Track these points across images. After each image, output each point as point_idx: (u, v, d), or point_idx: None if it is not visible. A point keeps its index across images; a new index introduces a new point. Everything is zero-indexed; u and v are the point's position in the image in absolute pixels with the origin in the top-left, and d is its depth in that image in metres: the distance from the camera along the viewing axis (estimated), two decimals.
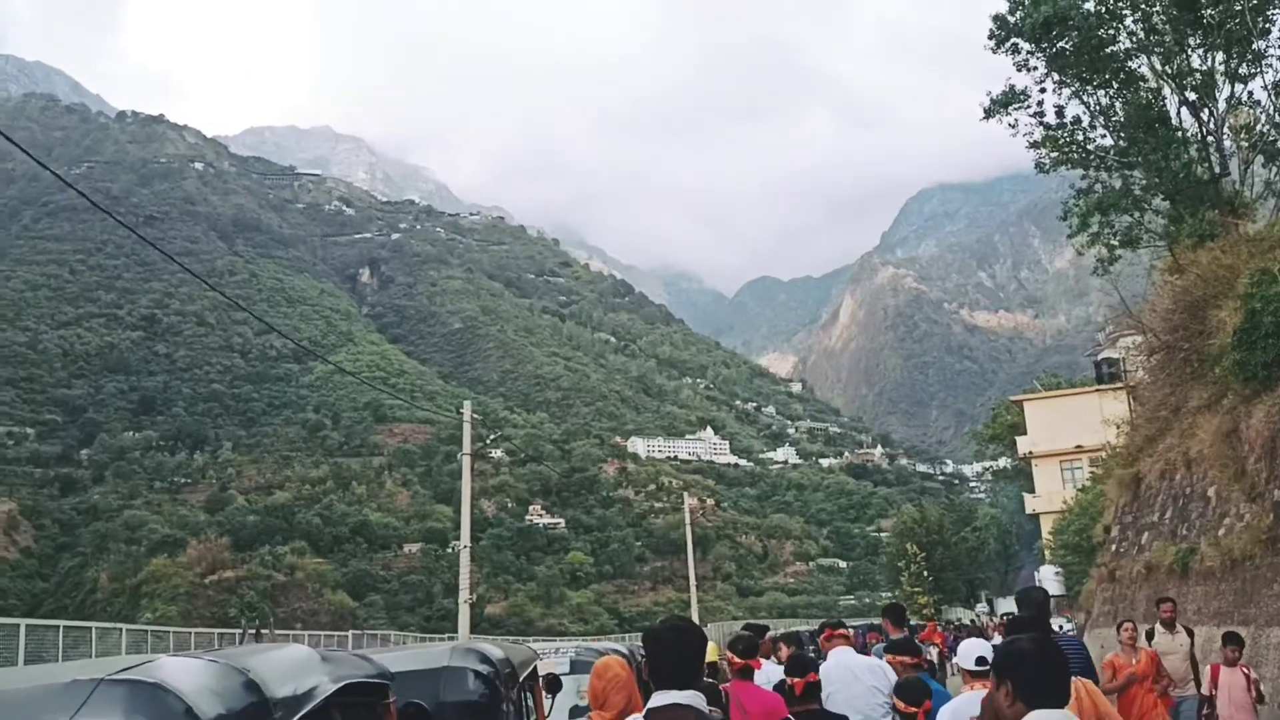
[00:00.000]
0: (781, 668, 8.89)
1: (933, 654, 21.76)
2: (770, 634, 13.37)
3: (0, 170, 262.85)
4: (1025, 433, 57.48)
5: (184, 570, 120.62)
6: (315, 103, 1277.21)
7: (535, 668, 7.93)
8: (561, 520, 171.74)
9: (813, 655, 9.17)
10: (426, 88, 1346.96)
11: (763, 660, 9.85)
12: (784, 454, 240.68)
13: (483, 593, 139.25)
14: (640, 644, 4.89)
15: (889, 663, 8.68)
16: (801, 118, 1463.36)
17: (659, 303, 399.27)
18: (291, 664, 2.86)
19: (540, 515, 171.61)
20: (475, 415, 36.31)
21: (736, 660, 7.86)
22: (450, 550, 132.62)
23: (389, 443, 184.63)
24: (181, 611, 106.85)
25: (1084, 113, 25.67)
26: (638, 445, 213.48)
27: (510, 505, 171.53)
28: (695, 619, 57.41)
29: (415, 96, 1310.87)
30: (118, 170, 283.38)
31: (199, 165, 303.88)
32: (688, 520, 64.64)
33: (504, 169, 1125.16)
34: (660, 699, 3.95)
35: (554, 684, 9.69)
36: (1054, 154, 26.22)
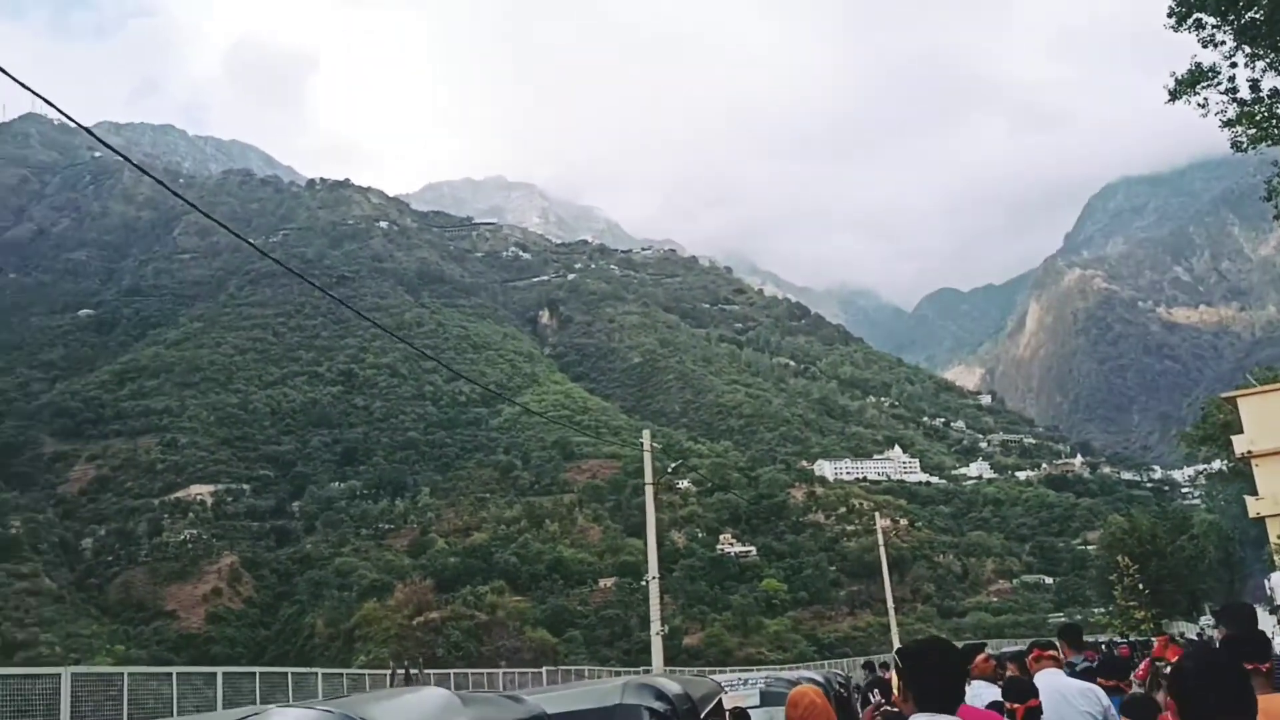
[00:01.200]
0: (990, 686, 8.44)
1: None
2: (988, 652, 12.71)
3: (207, 244, 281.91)
4: (1241, 431, 53.72)
5: (392, 613, 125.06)
6: (488, 154, 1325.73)
7: (719, 702, 7.53)
8: (753, 548, 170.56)
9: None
10: (593, 129, 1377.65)
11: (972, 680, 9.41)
12: (977, 469, 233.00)
13: (678, 624, 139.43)
14: (834, 672, 4.53)
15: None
16: (972, 125, 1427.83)
17: (836, 323, 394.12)
18: (418, 710, 2.86)
19: (731, 544, 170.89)
20: (658, 446, 36.35)
21: None
22: (644, 583, 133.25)
23: (578, 479, 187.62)
24: (392, 653, 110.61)
25: None
26: (825, 468, 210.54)
27: (700, 535, 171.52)
28: (895, 642, 55.87)
29: (583, 138, 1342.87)
30: (310, 235, 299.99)
31: (384, 224, 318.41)
32: (881, 542, 63.20)
33: (673, 202, 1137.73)
34: None
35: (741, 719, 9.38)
36: (1251, 130, 24.49)
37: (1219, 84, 24.35)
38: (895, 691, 4.54)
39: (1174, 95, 24.83)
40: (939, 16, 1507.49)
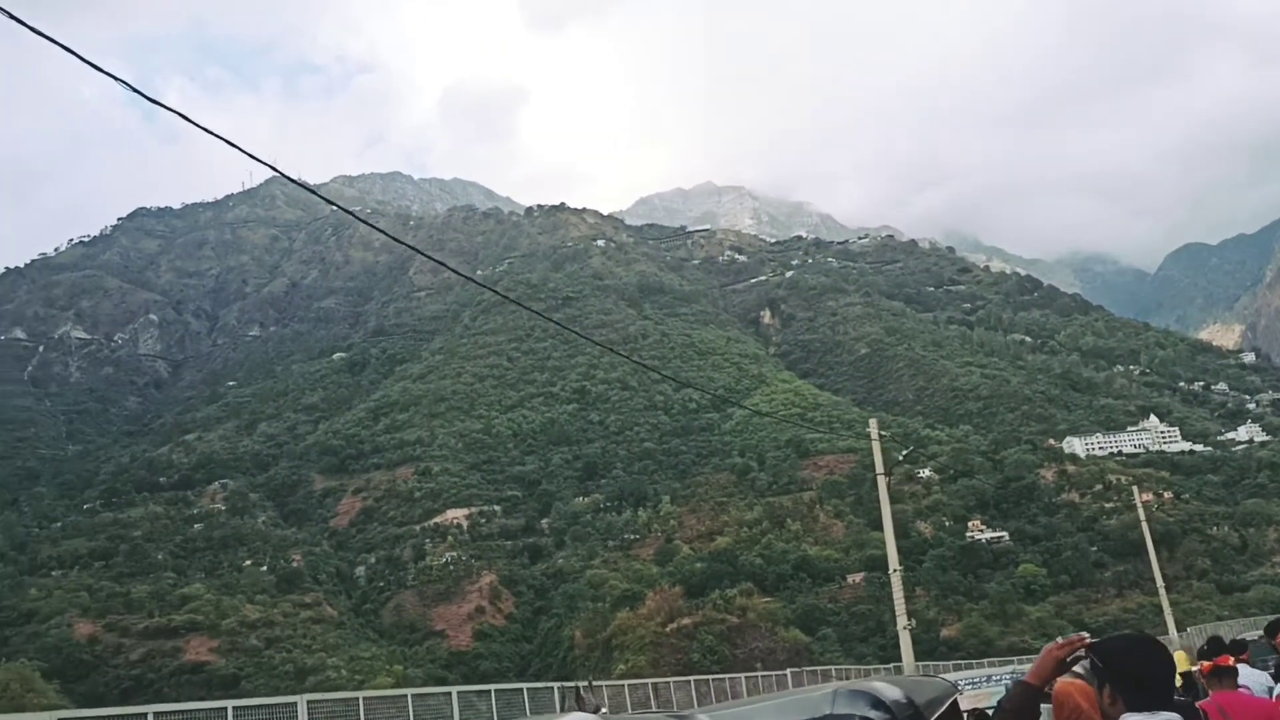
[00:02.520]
0: (1258, 672, 8.02)
1: None
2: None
3: (440, 281, 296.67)
4: None
5: (645, 621, 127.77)
6: (694, 162, 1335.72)
7: (953, 704, 6.84)
8: (1005, 533, 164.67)
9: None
10: (796, 123, 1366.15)
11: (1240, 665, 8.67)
12: (1247, 432, 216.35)
13: (933, 616, 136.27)
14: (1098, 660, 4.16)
15: None
16: (1201, 67, 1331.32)
17: (1072, 292, 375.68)
18: None
19: (980, 530, 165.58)
20: (885, 435, 36.07)
21: (1205, 665, 7.09)
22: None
23: (815, 476, 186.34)
24: (649, 660, 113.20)
25: None
26: (1074, 445, 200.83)
27: (947, 524, 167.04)
28: (1170, 623, 52.70)
29: (787, 134, 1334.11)
30: (533, 260, 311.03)
31: (600, 242, 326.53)
32: (1143, 518, 60.16)
33: (885, 187, 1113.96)
34: None
35: None
36: None
37: None
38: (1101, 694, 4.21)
39: None
40: None
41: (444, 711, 26.10)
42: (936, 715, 5.81)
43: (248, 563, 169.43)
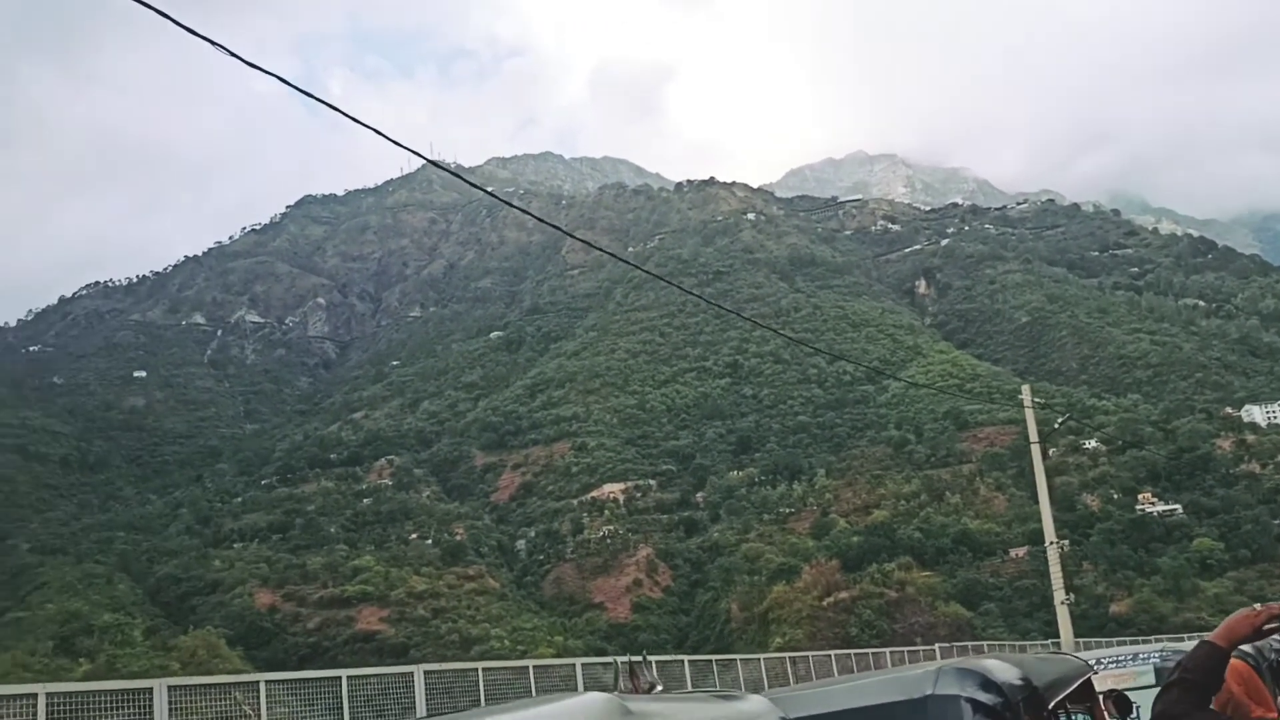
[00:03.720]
0: None
1: None
2: None
3: (592, 259, 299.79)
4: None
5: (802, 595, 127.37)
6: (845, 131, 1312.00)
7: (1088, 684, 6.33)
8: (1178, 506, 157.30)
9: None
10: (950, 88, 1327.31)
11: None
12: None
13: (1101, 591, 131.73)
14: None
15: None
16: None
17: (1250, 253, 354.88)
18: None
19: (1152, 503, 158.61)
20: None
21: None
22: (1061, 550, 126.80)
23: (975, 448, 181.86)
24: (807, 634, 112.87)
25: None
26: (1254, 414, 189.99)
27: (1116, 496, 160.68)
28: None
29: (940, 100, 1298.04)
30: (683, 236, 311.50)
31: (751, 216, 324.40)
32: None
33: (1045, 150, 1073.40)
34: None
35: (1123, 704, 7.88)
36: None
37: None
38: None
39: None
40: None
41: (571, 683, 26.73)
42: (1061, 696, 5.39)
43: (414, 536, 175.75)
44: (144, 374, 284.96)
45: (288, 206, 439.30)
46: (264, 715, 18.11)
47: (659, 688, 10.28)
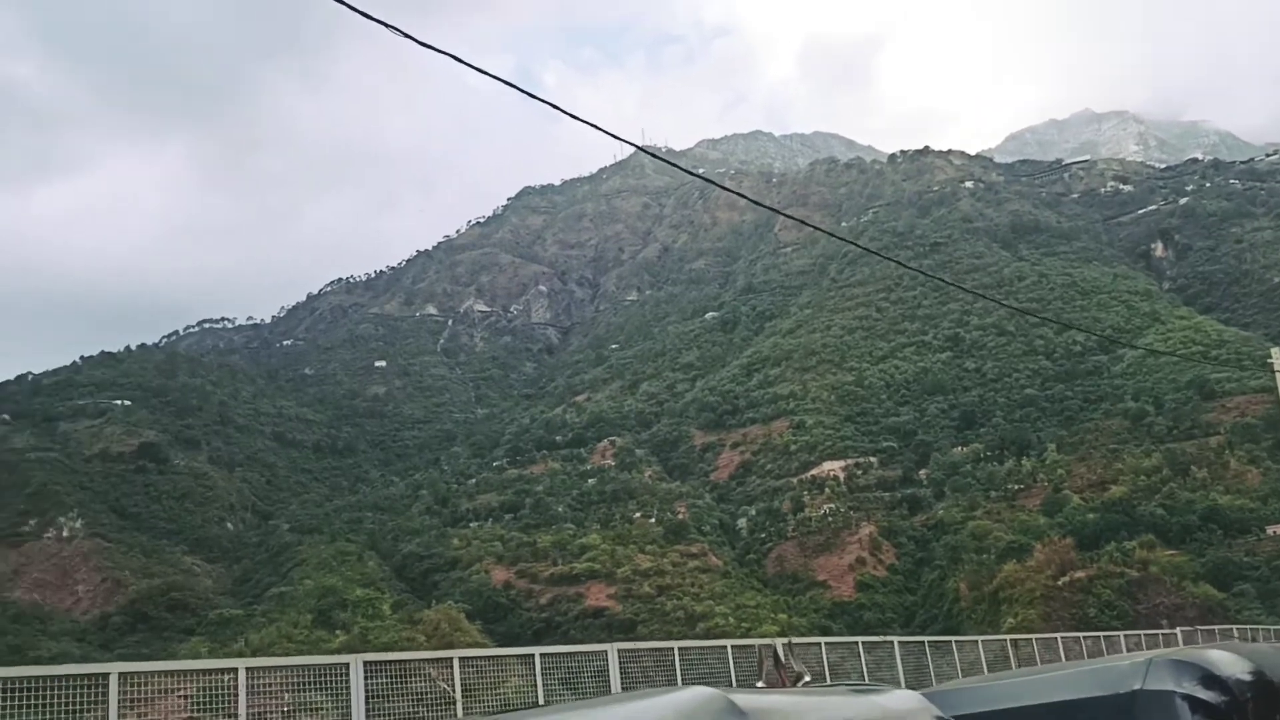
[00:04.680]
0: None
1: None
2: None
3: (805, 236, 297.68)
4: None
5: (1034, 574, 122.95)
6: (1068, 90, 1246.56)
7: None
8: None
9: None
10: (1188, 36, 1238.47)
11: None
12: None
13: None
14: None
15: None
16: None
17: None
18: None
19: None
20: None
21: None
22: None
23: (1223, 419, 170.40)
24: (1041, 614, 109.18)
25: None
26: None
27: None
28: None
29: (1175, 49, 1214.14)
30: (898, 208, 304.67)
31: (969, 184, 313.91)
32: None
33: None
34: None
35: None
36: None
37: None
38: None
39: None
40: None
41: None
42: None
43: (637, 515, 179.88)
44: (384, 363, 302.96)
45: (508, 198, 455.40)
46: (458, 690, 19.09)
47: (806, 678, 10.41)
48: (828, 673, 25.70)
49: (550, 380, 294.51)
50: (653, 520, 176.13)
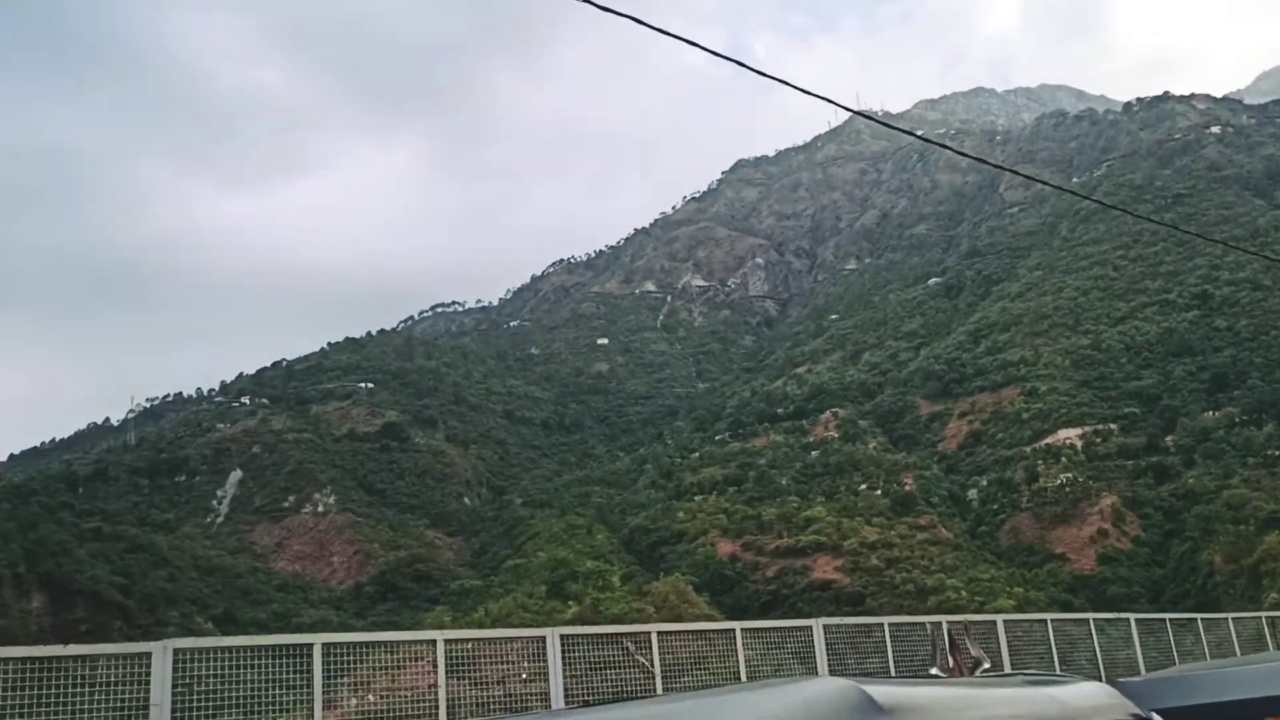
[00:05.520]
0: None
1: None
2: None
3: (1032, 194, 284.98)
4: None
5: None
6: None
7: None
8: None
9: None
10: None
11: None
12: None
13: None
14: None
15: None
16: None
17: None
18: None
19: None
20: None
21: None
22: None
23: None
24: None
25: None
26: None
27: None
28: None
29: None
30: (1135, 160, 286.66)
31: (1215, 129, 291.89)
32: None
33: None
34: None
35: None
36: None
37: None
38: None
39: None
40: None
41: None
42: None
43: (862, 486, 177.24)
44: (605, 341, 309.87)
45: (723, 172, 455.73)
46: (656, 663, 19.12)
47: (985, 664, 9.64)
48: (1014, 658, 24.40)
49: (770, 353, 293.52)
50: (878, 492, 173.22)
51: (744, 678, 19.37)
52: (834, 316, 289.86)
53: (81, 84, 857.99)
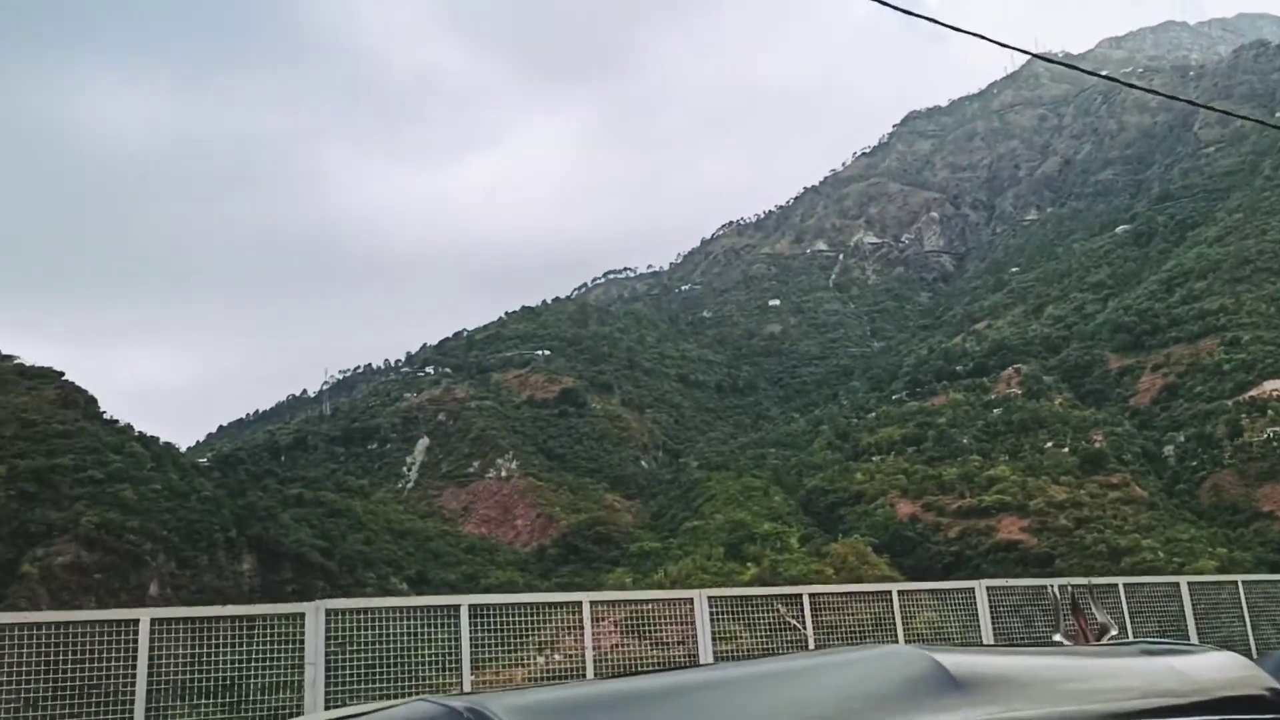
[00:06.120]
0: None
1: None
2: None
3: (1230, 132, 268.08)
4: None
5: None
6: None
7: None
8: None
9: None
10: None
11: None
12: None
13: None
14: None
15: None
16: None
17: None
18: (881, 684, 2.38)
19: None
20: None
21: None
22: None
23: None
24: None
25: None
26: None
27: None
28: None
29: None
30: None
31: None
32: None
33: None
34: None
35: None
36: None
37: None
38: None
39: None
40: None
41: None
42: None
43: (1048, 444, 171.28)
44: (777, 302, 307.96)
45: (894, 125, 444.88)
46: (809, 625, 18.95)
47: (1113, 631, 9.02)
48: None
49: (947, 309, 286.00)
50: (1065, 450, 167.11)
51: (901, 640, 19.03)
52: (1014, 269, 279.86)
53: (270, 70, 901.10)
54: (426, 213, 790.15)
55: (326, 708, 14.30)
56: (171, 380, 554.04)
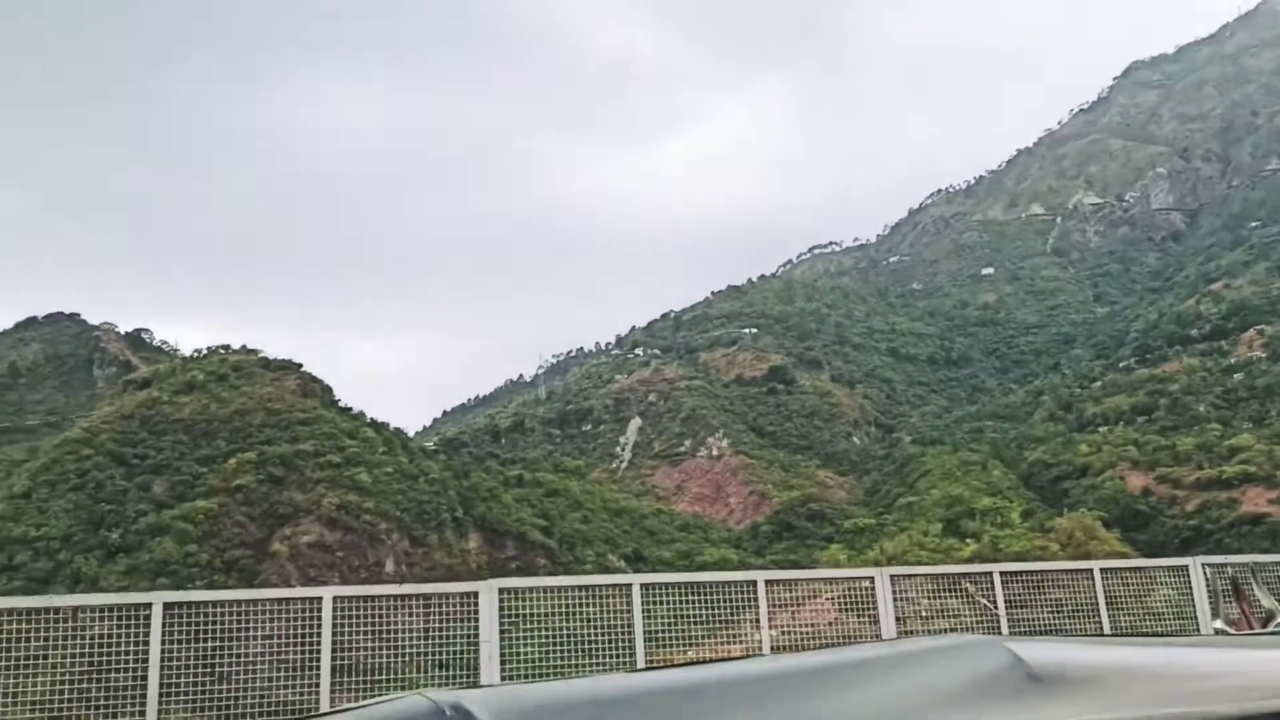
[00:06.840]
0: None
1: None
2: None
3: None
4: None
5: None
6: None
7: None
8: None
9: None
10: None
11: None
12: None
13: None
14: None
15: None
16: None
17: None
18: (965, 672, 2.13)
19: None
20: None
21: None
22: None
23: None
24: None
25: None
26: None
27: None
28: None
29: None
30: None
31: None
32: None
33: None
34: None
35: None
36: None
37: None
38: None
39: None
40: None
41: None
42: None
43: None
44: (991, 270, 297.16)
45: (1114, 78, 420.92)
46: (1000, 604, 18.10)
47: (1279, 619, 7.97)
48: None
49: (1178, 270, 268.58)
50: None
51: (1104, 622, 18.05)
52: (1255, 224, 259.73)
53: (479, 65, 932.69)
54: (631, 196, 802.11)
55: (501, 683, 14.69)
56: (396, 368, 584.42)
